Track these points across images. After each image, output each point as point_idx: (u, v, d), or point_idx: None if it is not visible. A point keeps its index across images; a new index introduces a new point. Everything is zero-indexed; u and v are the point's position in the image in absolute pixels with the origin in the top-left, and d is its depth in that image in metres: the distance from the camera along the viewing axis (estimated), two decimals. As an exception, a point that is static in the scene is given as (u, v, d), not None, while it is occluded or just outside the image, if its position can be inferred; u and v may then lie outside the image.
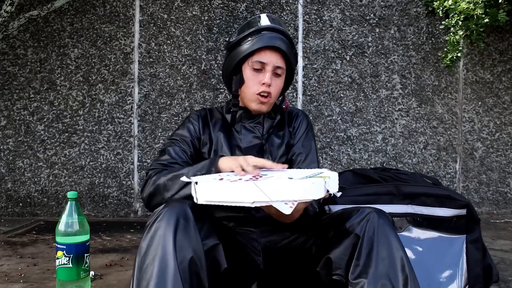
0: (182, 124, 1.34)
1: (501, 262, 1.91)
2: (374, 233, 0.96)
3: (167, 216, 0.93)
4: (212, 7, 2.93)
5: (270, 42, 1.24)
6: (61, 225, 1.32)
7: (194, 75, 2.92)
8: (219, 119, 1.35)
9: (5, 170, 2.90)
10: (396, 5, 3.00)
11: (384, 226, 0.97)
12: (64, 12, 2.89)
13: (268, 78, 1.24)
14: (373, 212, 0.99)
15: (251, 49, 1.24)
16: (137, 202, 2.93)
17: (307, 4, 2.97)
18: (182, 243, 0.91)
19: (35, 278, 1.70)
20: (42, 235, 2.41)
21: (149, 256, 0.91)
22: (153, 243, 0.91)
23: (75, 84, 2.91)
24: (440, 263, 1.41)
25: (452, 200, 1.43)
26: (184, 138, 1.30)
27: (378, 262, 0.93)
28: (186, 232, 0.93)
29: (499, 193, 3.08)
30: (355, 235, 0.97)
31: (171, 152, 1.26)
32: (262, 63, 1.25)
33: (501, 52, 3.06)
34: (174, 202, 0.99)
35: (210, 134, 1.32)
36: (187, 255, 0.90)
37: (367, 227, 0.97)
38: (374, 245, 0.95)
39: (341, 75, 2.99)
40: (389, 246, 0.95)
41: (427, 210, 1.44)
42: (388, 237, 0.96)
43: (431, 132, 3.03)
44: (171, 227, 0.92)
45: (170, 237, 0.90)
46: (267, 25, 1.26)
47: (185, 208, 0.96)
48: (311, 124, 1.42)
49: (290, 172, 1.02)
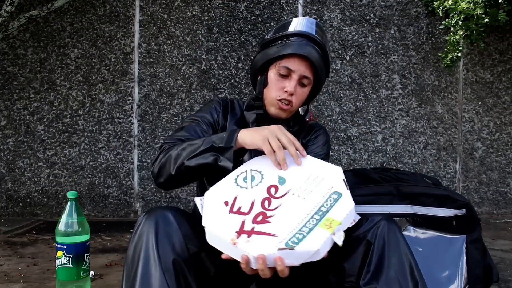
0: (205, 106, 1.29)
1: (501, 262, 1.91)
2: (385, 239, 0.97)
3: (148, 222, 0.94)
4: (212, 7, 2.93)
5: (299, 50, 1.17)
6: (61, 225, 1.32)
7: (194, 75, 2.92)
8: (237, 114, 1.29)
9: (5, 170, 2.90)
10: (396, 5, 3.00)
11: (394, 232, 0.98)
12: (64, 12, 2.89)
13: (292, 87, 1.18)
14: (383, 220, 1.00)
15: (279, 54, 1.18)
16: (137, 202, 2.93)
17: (307, 4, 2.97)
18: (164, 247, 0.91)
19: (35, 278, 1.70)
20: (42, 235, 2.41)
21: (135, 262, 0.92)
22: (137, 250, 0.92)
23: (75, 84, 2.91)
24: (440, 263, 1.41)
25: (451, 200, 1.44)
26: (205, 119, 1.24)
27: (389, 268, 0.94)
28: (167, 236, 0.93)
29: (499, 193, 3.08)
30: (367, 242, 0.98)
31: (190, 130, 1.19)
32: (289, 69, 1.19)
33: (501, 52, 3.06)
34: (155, 208, 0.99)
35: (225, 126, 1.27)
36: (169, 258, 0.91)
37: (378, 234, 0.97)
38: (385, 251, 0.95)
39: (341, 75, 2.99)
40: (399, 252, 0.96)
41: (426, 210, 1.44)
42: (398, 243, 0.97)
43: (431, 132, 3.03)
44: (152, 232, 0.92)
45: (151, 242, 0.91)
46: (301, 31, 1.19)
47: (165, 213, 0.96)
48: (329, 142, 1.37)
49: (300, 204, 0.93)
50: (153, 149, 2.92)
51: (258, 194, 0.96)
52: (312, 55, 1.18)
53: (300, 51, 1.17)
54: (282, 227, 0.87)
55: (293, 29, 1.20)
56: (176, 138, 1.16)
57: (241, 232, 0.87)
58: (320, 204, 0.91)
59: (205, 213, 0.92)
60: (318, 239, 0.83)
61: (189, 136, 1.17)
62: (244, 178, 1.00)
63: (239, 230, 0.87)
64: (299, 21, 1.23)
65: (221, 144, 1.03)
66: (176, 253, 0.92)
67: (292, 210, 0.91)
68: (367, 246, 0.98)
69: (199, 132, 1.20)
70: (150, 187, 2.92)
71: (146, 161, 2.92)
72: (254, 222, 0.89)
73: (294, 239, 0.83)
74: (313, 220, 0.88)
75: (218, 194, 0.97)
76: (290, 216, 0.89)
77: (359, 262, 0.98)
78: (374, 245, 0.97)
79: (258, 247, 0.84)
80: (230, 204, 0.94)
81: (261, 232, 0.87)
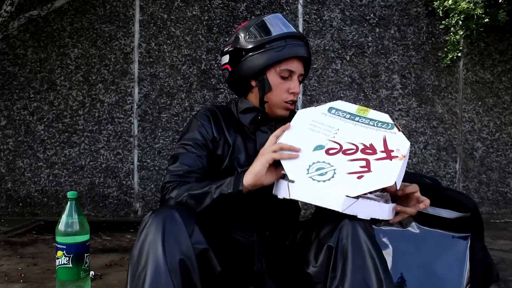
0: (192, 126, 1.25)
1: (501, 262, 1.91)
2: (347, 242, 0.95)
3: (155, 221, 0.94)
4: (212, 7, 2.93)
5: (300, 52, 1.22)
6: (61, 225, 1.32)
7: (194, 75, 2.92)
8: (232, 120, 1.28)
9: (5, 170, 2.90)
10: (396, 5, 3.00)
11: (356, 233, 0.96)
12: (64, 12, 2.89)
13: (298, 88, 1.23)
14: (345, 220, 0.98)
15: (282, 57, 1.20)
16: (137, 202, 2.93)
17: (307, 4, 2.97)
18: (171, 247, 0.92)
19: (35, 278, 1.70)
20: (42, 235, 2.41)
21: (141, 263, 0.92)
22: (144, 250, 0.92)
23: (75, 84, 2.91)
24: (444, 261, 1.40)
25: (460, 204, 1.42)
26: (197, 141, 1.21)
27: (354, 271, 0.93)
28: (174, 235, 0.93)
29: (499, 193, 3.08)
30: (328, 247, 0.97)
31: (185, 159, 1.18)
32: (291, 71, 1.22)
33: (501, 52, 3.06)
34: (161, 207, 0.99)
35: (225, 136, 1.24)
36: (176, 257, 0.91)
37: (339, 237, 0.96)
38: (348, 255, 0.94)
39: (341, 75, 2.99)
40: (363, 253, 0.94)
41: (432, 210, 1.43)
42: (361, 244, 0.95)
43: (431, 132, 3.03)
44: (159, 232, 0.92)
45: (159, 242, 0.91)
46: (289, 32, 1.22)
47: (172, 212, 0.96)
48: None
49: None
50: (153, 149, 2.92)
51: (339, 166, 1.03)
52: (307, 54, 1.25)
53: (301, 53, 1.22)
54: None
55: (278, 30, 1.22)
56: (176, 175, 1.16)
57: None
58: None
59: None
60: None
61: (187, 169, 1.16)
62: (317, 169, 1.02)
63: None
64: (274, 21, 1.25)
65: (229, 190, 1.05)
66: (182, 253, 0.92)
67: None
68: (329, 251, 0.97)
69: (195, 158, 1.19)
70: (150, 187, 2.92)
71: (146, 161, 2.92)
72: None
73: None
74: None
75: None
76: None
77: (324, 267, 0.97)
78: (337, 249, 0.96)
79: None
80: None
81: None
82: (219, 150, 1.23)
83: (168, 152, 2.91)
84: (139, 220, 2.86)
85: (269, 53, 1.20)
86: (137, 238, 0.95)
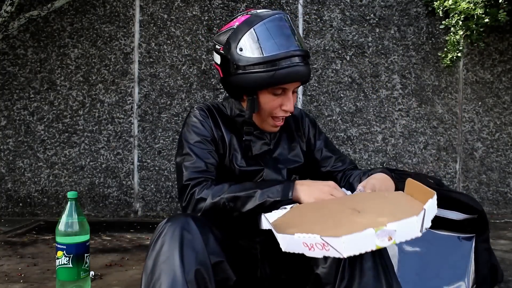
0: (192, 123, 1.20)
1: (501, 262, 1.91)
2: None
3: (171, 230, 0.92)
4: (212, 7, 2.93)
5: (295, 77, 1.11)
6: (61, 225, 1.32)
7: (194, 75, 2.92)
8: (226, 119, 1.23)
9: (5, 170, 2.90)
10: (396, 5, 3.00)
11: None
12: (64, 12, 2.89)
13: (291, 105, 1.14)
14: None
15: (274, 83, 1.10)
16: (137, 202, 2.93)
17: (307, 4, 2.97)
18: (188, 257, 0.90)
19: (35, 278, 1.70)
20: (42, 235, 2.41)
21: (156, 272, 0.90)
22: (159, 259, 0.90)
23: (75, 84, 2.91)
24: (449, 262, 1.39)
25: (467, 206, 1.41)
26: (205, 137, 1.17)
27: (363, 274, 0.93)
28: (191, 245, 0.92)
29: (499, 193, 3.08)
30: None
31: (201, 154, 1.13)
32: (285, 89, 1.14)
33: (501, 52, 3.06)
34: (177, 216, 0.98)
35: (222, 134, 1.20)
36: (193, 267, 0.89)
37: None
38: (358, 257, 0.93)
39: (341, 75, 2.99)
40: (373, 256, 0.94)
41: (439, 212, 1.42)
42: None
43: (431, 132, 3.03)
44: (176, 241, 0.91)
45: (176, 252, 0.90)
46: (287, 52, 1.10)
47: (188, 221, 0.94)
48: (314, 120, 1.39)
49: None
50: (153, 149, 2.91)
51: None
52: (306, 73, 1.13)
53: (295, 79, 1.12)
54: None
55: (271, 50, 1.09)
56: (197, 171, 1.11)
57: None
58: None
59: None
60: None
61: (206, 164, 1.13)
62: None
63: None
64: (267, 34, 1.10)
65: (277, 198, 1.02)
66: (199, 263, 0.91)
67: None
68: None
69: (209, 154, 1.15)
70: (150, 187, 2.92)
71: (146, 161, 2.92)
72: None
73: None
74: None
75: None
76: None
77: (334, 269, 0.96)
78: None
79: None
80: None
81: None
82: (219, 148, 1.20)
83: (168, 152, 2.91)
84: (139, 220, 2.86)
85: (260, 76, 1.09)
86: (152, 247, 0.93)
